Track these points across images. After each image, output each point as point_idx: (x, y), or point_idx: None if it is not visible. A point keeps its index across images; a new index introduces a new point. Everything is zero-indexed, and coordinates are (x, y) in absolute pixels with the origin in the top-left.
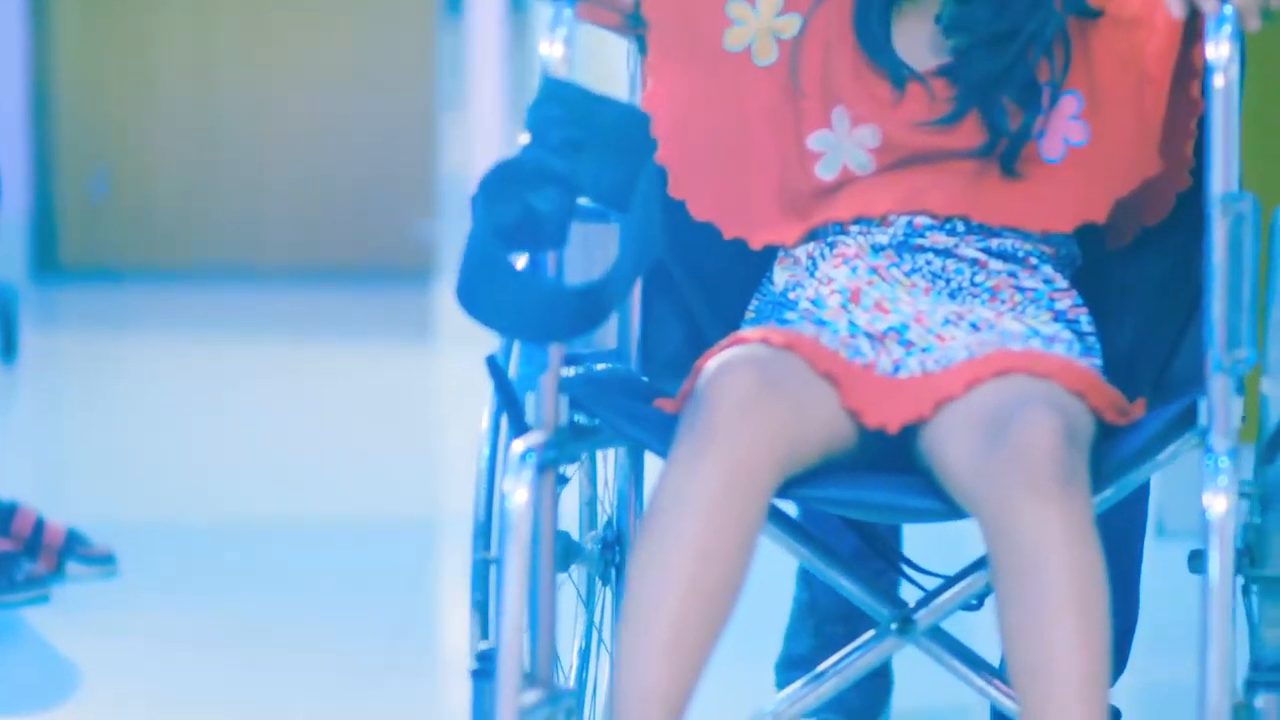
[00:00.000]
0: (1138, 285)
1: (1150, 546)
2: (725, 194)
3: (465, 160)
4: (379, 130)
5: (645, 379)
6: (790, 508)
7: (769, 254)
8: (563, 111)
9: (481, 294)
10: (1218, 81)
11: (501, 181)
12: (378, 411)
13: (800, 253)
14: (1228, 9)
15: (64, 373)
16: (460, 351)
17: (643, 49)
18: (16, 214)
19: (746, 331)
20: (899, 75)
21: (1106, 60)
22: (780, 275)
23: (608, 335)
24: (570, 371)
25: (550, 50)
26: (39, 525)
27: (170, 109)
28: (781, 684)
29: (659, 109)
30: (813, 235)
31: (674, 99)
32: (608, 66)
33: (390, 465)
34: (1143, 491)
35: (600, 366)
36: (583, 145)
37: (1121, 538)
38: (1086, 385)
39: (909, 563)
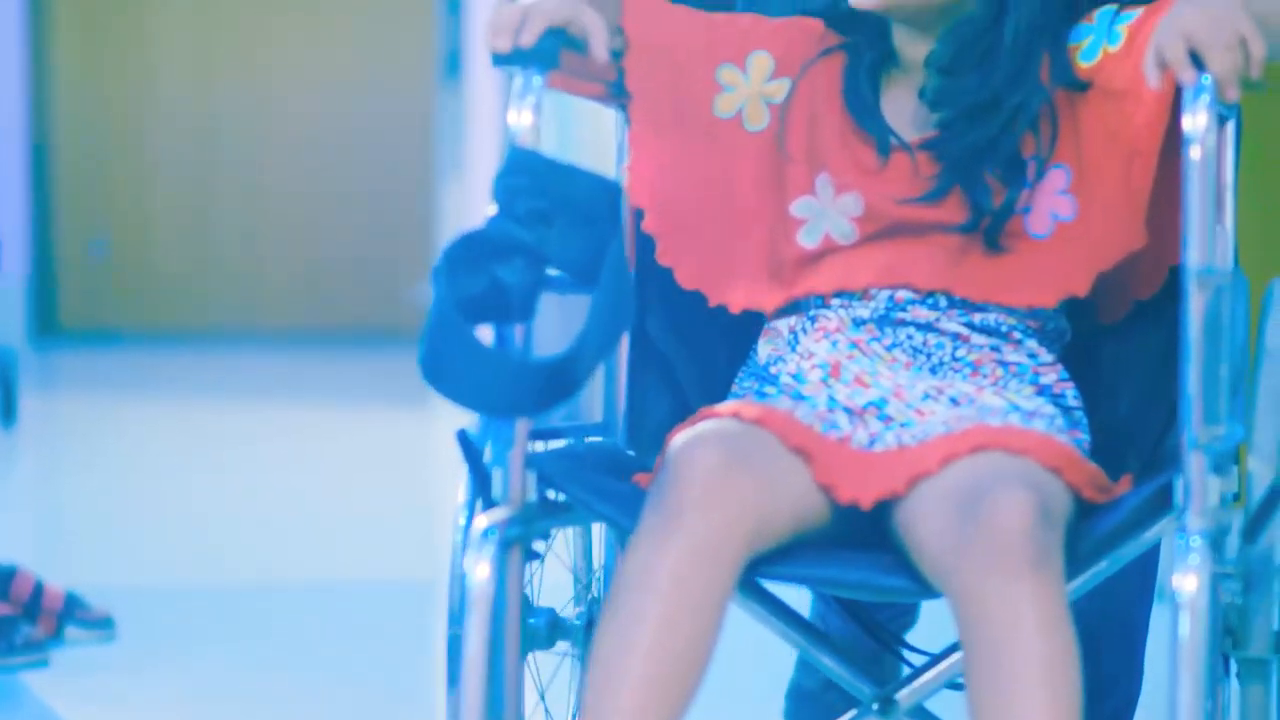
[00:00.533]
0: (1132, 359)
1: (1156, 613)
2: (712, 261)
3: (464, 224)
4: (378, 194)
5: (631, 453)
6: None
7: (756, 326)
8: (530, 182)
9: (445, 368)
10: (1194, 153)
11: (466, 253)
12: (377, 474)
13: (782, 326)
14: (1205, 79)
15: (63, 436)
16: (458, 414)
17: (627, 118)
18: (16, 277)
19: (719, 405)
20: (885, 142)
21: (1095, 133)
22: (764, 348)
23: (594, 408)
24: (541, 446)
25: (518, 120)
26: (38, 589)
27: (169, 173)
28: (789, 713)
29: (645, 179)
30: (794, 308)
31: (661, 168)
32: None
33: (390, 528)
34: (1150, 557)
35: (593, 439)
36: (551, 216)
37: (1126, 604)
38: (1064, 461)
39: (904, 643)
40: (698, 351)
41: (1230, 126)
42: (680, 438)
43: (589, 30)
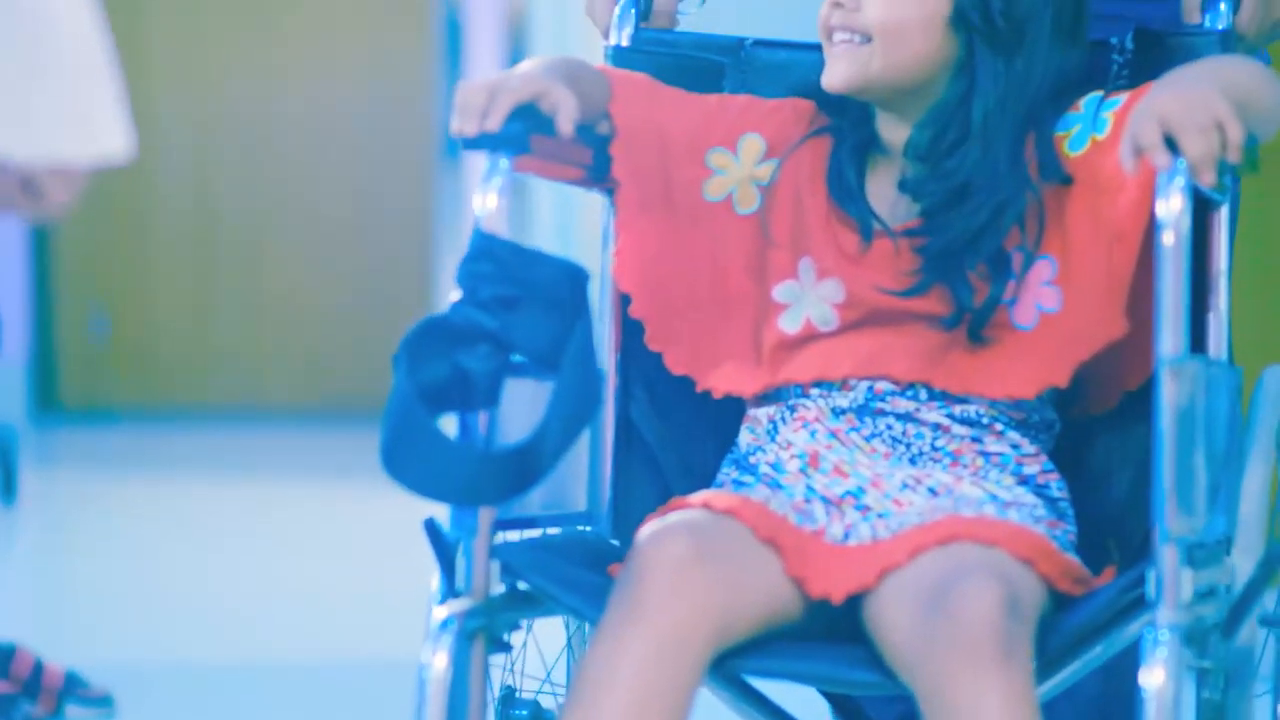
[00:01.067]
0: (1122, 450)
1: None
2: (701, 346)
3: None
4: (378, 273)
5: (616, 542)
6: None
7: (741, 413)
8: (494, 268)
9: (404, 457)
10: (1167, 239)
11: (428, 340)
12: (378, 552)
13: (762, 415)
14: (1181, 163)
15: (64, 514)
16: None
17: (613, 203)
18: (16, 354)
19: (691, 496)
20: (867, 228)
21: (1081, 223)
22: (745, 436)
23: (578, 496)
24: (518, 535)
25: (483, 204)
26: (38, 667)
27: (169, 251)
28: None
29: (632, 264)
30: (774, 397)
31: (648, 253)
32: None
33: (391, 607)
34: None
35: (580, 528)
36: (516, 302)
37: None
38: (1036, 552)
39: None
40: (683, 439)
41: (1223, 212)
42: (648, 528)
43: (557, 106)
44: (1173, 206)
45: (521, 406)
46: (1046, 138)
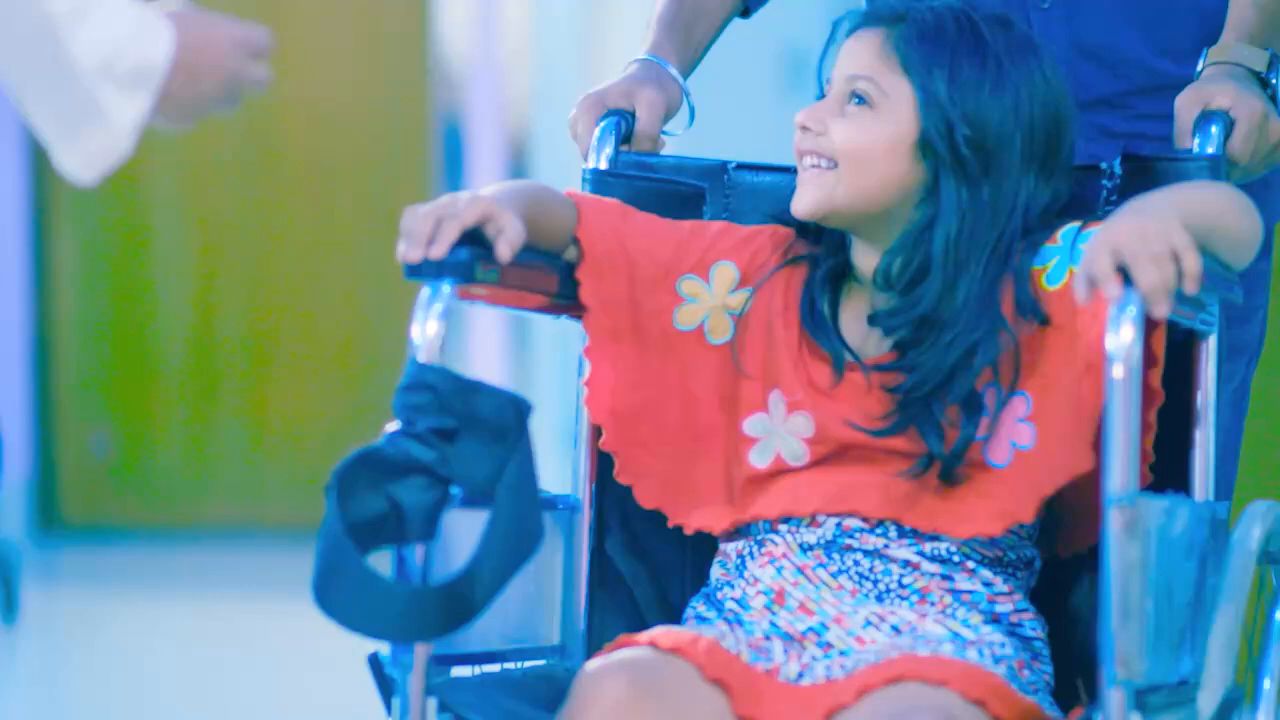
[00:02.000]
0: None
1: None
2: (672, 479)
3: None
4: (379, 393)
5: None
6: None
7: (716, 546)
8: (431, 399)
9: (333, 593)
10: (1116, 372)
11: (361, 472)
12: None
13: (731, 549)
14: (1134, 294)
15: (65, 633)
16: None
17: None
18: (17, 472)
19: (640, 634)
20: (839, 360)
21: (1057, 358)
22: (715, 571)
23: (550, 630)
24: (462, 670)
25: (423, 332)
26: None
27: (169, 367)
28: None
29: (602, 394)
30: (743, 532)
31: (619, 383)
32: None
33: None
34: None
35: (553, 663)
36: (455, 434)
37: None
38: (989, 693)
39: None
40: (657, 573)
41: (1210, 343)
42: (590, 665)
43: (501, 231)
44: (1123, 338)
45: (464, 540)
46: (1023, 273)
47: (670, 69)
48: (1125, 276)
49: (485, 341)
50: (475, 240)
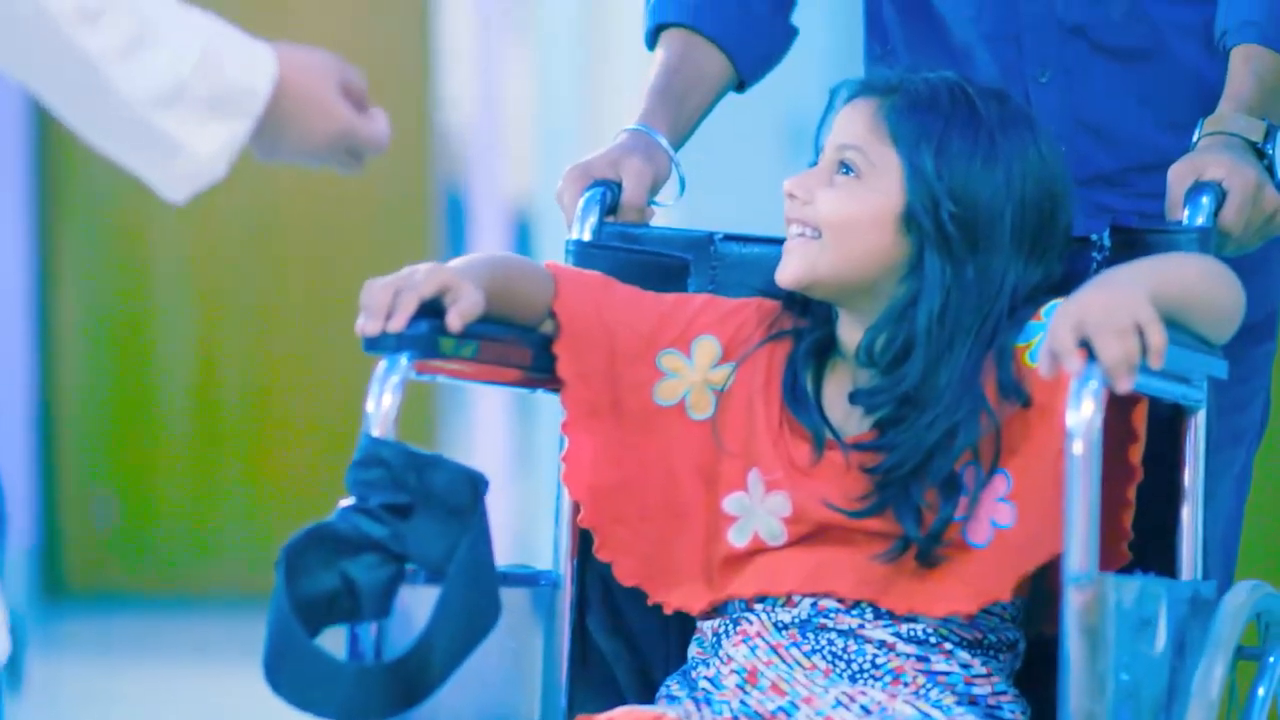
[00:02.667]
0: None
1: None
2: (652, 557)
3: None
4: None
5: None
6: None
7: (695, 623)
8: (384, 474)
9: (282, 672)
10: (1076, 448)
11: (312, 548)
12: None
13: (707, 628)
14: (1095, 369)
15: (69, 701)
16: None
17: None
18: (20, 539)
19: (601, 714)
20: (819, 439)
21: (1038, 436)
22: (692, 650)
23: (531, 708)
24: None
25: (377, 406)
26: None
27: (171, 434)
28: None
29: (581, 470)
30: (719, 610)
31: (597, 459)
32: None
33: None
34: None
35: None
36: (410, 509)
37: None
38: None
39: None
40: (639, 651)
41: (1199, 418)
42: None
43: (456, 301)
44: (1083, 413)
45: (424, 617)
46: (1006, 351)
47: (660, 139)
48: (1090, 350)
49: (488, 412)
50: (439, 313)
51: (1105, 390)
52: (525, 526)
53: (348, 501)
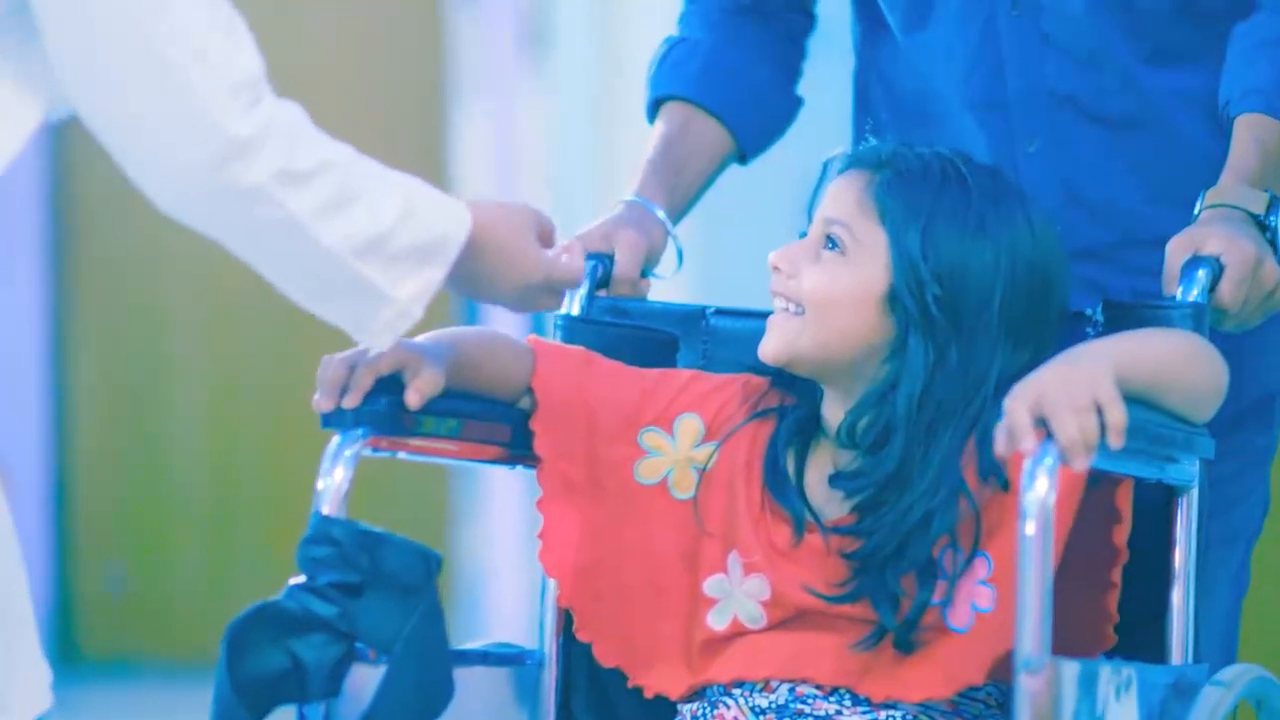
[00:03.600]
0: None
1: None
2: (633, 639)
3: (484, 573)
4: (396, 525)
5: None
6: None
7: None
8: (333, 552)
9: None
10: (1028, 528)
11: (259, 626)
12: None
13: (686, 711)
14: (1051, 447)
15: None
16: None
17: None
18: (36, 607)
19: None
20: (799, 522)
21: (1016, 520)
22: None
23: None
24: None
25: (328, 482)
26: None
27: (187, 500)
28: None
29: (559, 548)
30: (699, 694)
31: (576, 538)
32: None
33: None
34: None
35: None
36: (360, 588)
37: None
38: None
39: None
40: None
41: (1191, 498)
42: None
43: (416, 376)
44: (1037, 492)
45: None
46: (988, 435)
47: (656, 210)
48: (1048, 428)
49: (502, 486)
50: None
51: (1073, 470)
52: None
53: (298, 579)
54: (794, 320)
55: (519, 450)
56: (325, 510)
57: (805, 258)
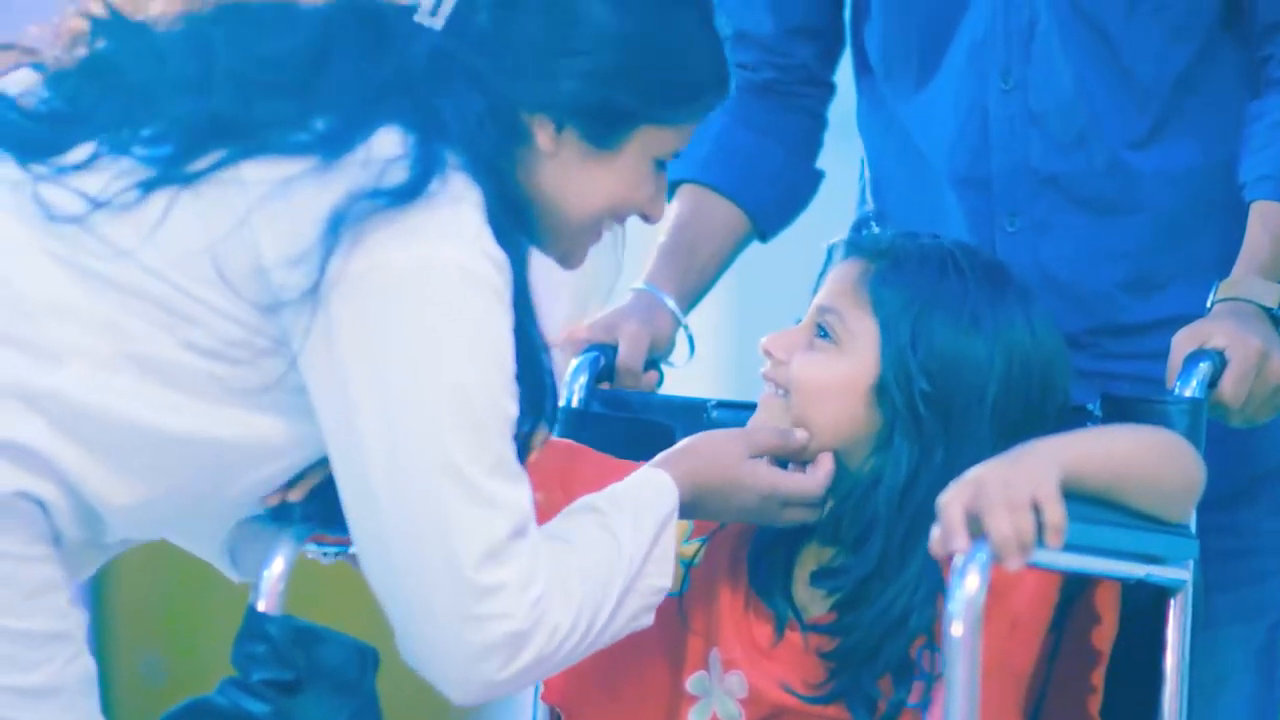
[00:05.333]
0: None
1: None
2: None
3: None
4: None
5: None
6: None
7: None
8: (268, 649)
9: None
10: (954, 629)
11: None
12: None
13: None
14: (985, 545)
15: None
16: None
17: None
18: None
19: None
20: (782, 618)
21: (991, 620)
22: None
23: None
24: None
25: (264, 577)
26: None
27: (222, 592)
28: None
29: None
30: None
31: None
32: None
33: None
34: None
35: None
36: (296, 685)
37: None
38: None
39: None
40: None
41: (1182, 599)
42: None
43: None
44: (966, 591)
45: None
46: None
47: (666, 299)
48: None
49: None
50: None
51: (1006, 570)
52: None
53: (231, 675)
54: (780, 403)
55: None
56: (261, 605)
57: (798, 344)
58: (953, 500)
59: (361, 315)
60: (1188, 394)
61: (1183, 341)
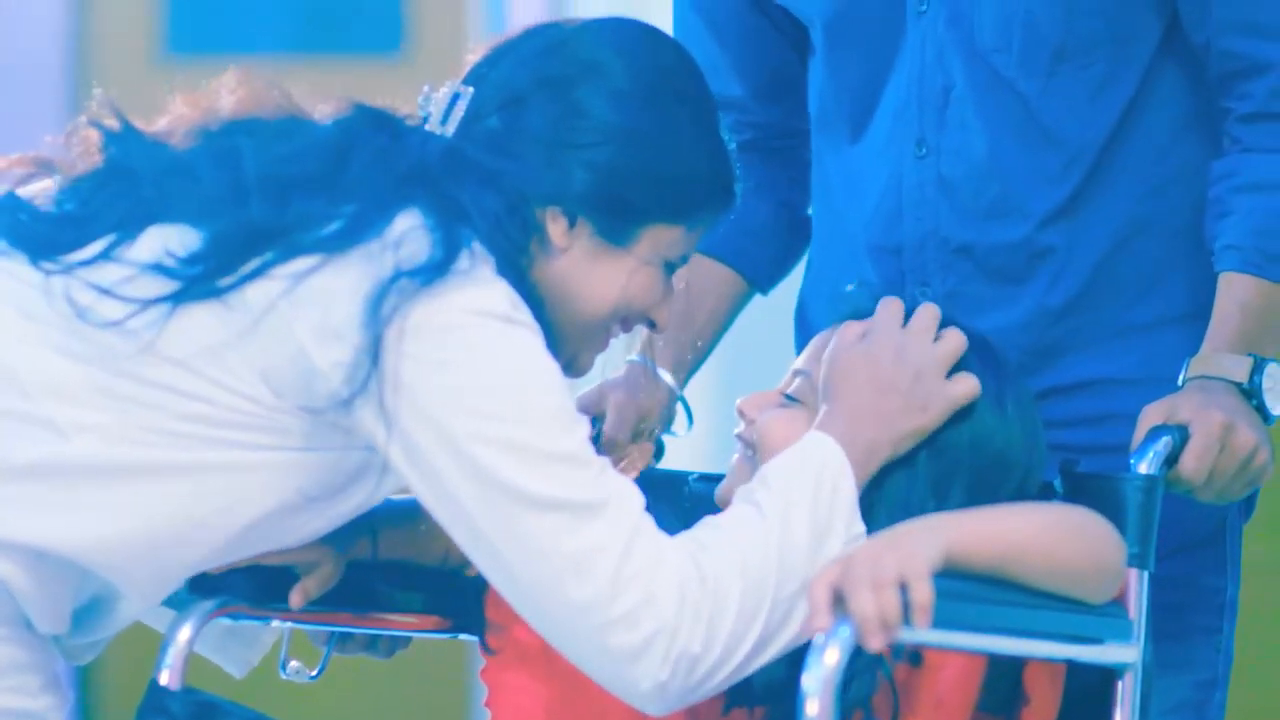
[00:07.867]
0: None
1: None
2: None
3: None
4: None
5: None
6: None
7: None
8: None
9: None
10: (810, 709)
11: None
12: None
13: None
14: (849, 623)
15: None
16: None
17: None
18: None
19: None
20: (733, 698)
21: (918, 697)
22: None
23: None
24: None
25: (168, 648)
26: None
27: (215, 682)
28: None
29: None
30: None
31: (529, 707)
32: None
33: None
34: None
35: None
36: None
37: None
38: None
39: None
40: None
41: (1128, 681)
42: None
43: (310, 571)
44: (824, 668)
45: None
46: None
47: (659, 370)
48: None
49: None
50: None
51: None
52: None
53: None
54: (748, 466)
55: (464, 623)
56: (164, 679)
57: (770, 403)
58: (820, 579)
59: (416, 378)
60: (1143, 469)
61: (1149, 415)
